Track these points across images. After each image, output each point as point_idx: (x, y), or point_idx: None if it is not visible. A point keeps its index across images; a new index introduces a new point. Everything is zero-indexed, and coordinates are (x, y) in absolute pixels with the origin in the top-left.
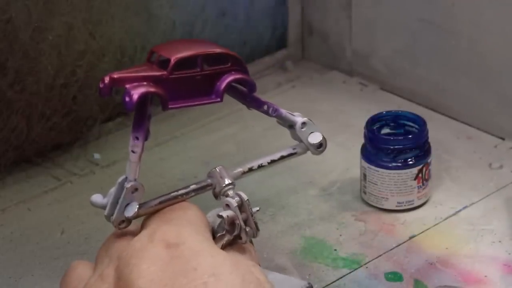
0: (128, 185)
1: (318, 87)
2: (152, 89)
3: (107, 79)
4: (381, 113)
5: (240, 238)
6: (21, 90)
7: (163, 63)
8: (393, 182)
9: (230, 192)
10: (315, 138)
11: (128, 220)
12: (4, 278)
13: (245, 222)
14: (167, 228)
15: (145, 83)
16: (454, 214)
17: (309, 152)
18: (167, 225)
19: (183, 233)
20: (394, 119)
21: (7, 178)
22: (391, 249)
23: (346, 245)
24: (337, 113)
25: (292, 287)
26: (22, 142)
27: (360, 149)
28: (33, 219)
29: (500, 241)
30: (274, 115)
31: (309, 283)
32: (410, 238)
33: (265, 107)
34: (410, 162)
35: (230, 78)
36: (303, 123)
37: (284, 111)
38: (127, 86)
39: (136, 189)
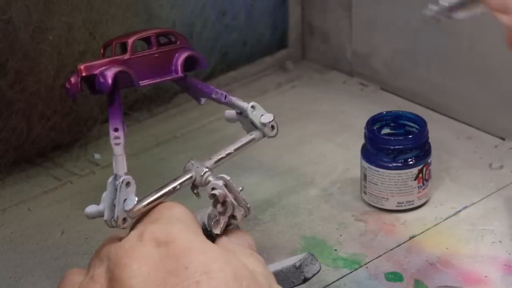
0: (120, 180)
1: (318, 87)
2: (122, 68)
3: (73, 79)
4: (382, 113)
5: (234, 218)
6: (21, 90)
7: (122, 49)
8: (393, 182)
9: (211, 178)
10: (266, 118)
11: (130, 217)
12: (4, 278)
13: (236, 202)
14: (156, 227)
15: (112, 62)
16: (454, 214)
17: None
18: (155, 224)
19: (172, 231)
20: (395, 119)
21: (7, 178)
22: (391, 249)
23: (347, 245)
24: (337, 113)
25: (292, 261)
26: (22, 142)
27: (360, 149)
28: (33, 219)
29: (500, 241)
30: (225, 101)
31: (307, 253)
32: (411, 238)
33: (215, 93)
34: (411, 162)
35: (184, 54)
36: (252, 107)
37: (233, 98)
38: (98, 71)
39: (129, 183)
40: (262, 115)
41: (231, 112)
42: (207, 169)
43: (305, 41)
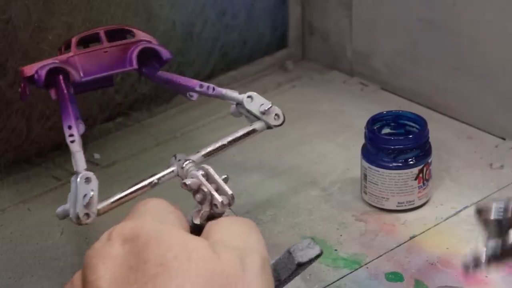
0: (79, 176)
1: (319, 87)
2: (57, 65)
3: (22, 83)
4: (382, 113)
5: (216, 207)
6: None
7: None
8: (393, 182)
9: (193, 168)
10: (266, 105)
11: (92, 212)
12: (4, 278)
13: (218, 192)
14: (125, 223)
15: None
16: (454, 214)
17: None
18: (125, 221)
19: (138, 226)
20: (395, 119)
21: (7, 178)
22: (391, 249)
23: (347, 245)
24: (338, 113)
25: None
26: (22, 142)
27: (360, 149)
28: (33, 219)
29: None
30: (213, 93)
31: (307, 239)
32: (411, 238)
33: (200, 86)
34: (411, 162)
35: (140, 47)
36: (249, 97)
37: (224, 90)
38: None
39: (89, 179)
40: (262, 104)
41: (233, 106)
42: (189, 161)
43: (305, 41)
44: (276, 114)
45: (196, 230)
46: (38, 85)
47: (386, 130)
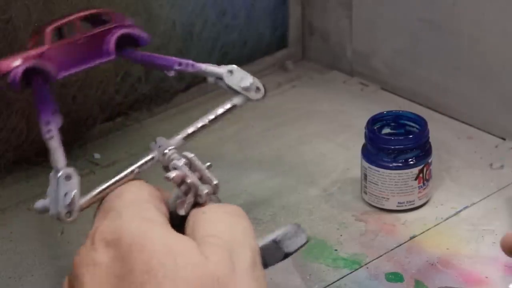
0: (59, 173)
1: (319, 87)
2: (32, 65)
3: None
4: (382, 113)
5: (200, 196)
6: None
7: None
8: (393, 182)
9: (175, 156)
10: (246, 81)
11: (74, 210)
12: (4, 278)
13: (201, 180)
14: (105, 224)
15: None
16: (455, 214)
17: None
18: (105, 221)
19: (118, 227)
20: (395, 119)
21: (7, 178)
22: (391, 250)
23: (347, 245)
24: (338, 113)
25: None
26: (22, 142)
27: (360, 149)
28: (33, 219)
29: None
30: (192, 70)
31: (292, 225)
32: (411, 238)
33: (179, 64)
34: (411, 162)
35: (116, 33)
36: (230, 71)
37: (204, 65)
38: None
39: (69, 176)
40: (242, 78)
41: (211, 80)
42: (170, 148)
43: (305, 41)
44: (257, 87)
45: (179, 217)
46: (13, 88)
47: (386, 130)
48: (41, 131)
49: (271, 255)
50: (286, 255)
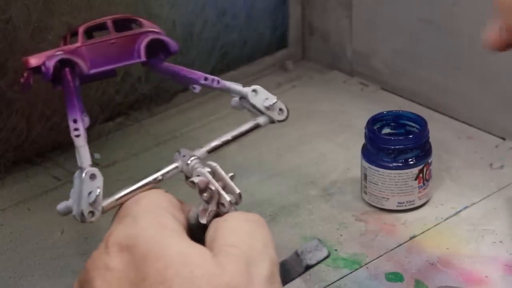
0: (84, 172)
1: (319, 87)
2: (66, 56)
3: (26, 73)
4: (382, 113)
5: (223, 206)
6: (21, 90)
7: (76, 38)
8: (393, 182)
9: (199, 165)
10: (270, 100)
11: (97, 210)
12: (4, 278)
13: (225, 190)
14: (119, 229)
15: (60, 52)
16: (454, 214)
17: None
18: (120, 225)
19: (134, 234)
20: (395, 119)
21: (7, 178)
22: (391, 249)
23: (347, 245)
24: (338, 113)
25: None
26: (22, 142)
27: (360, 149)
28: (33, 219)
29: (501, 241)
30: (218, 86)
31: (315, 239)
32: (411, 238)
33: (205, 79)
34: (411, 162)
35: (148, 37)
36: (254, 90)
37: (228, 82)
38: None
39: (94, 175)
40: (266, 98)
41: (235, 99)
42: (194, 157)
43: (305, 41)
44: (280, 109)
45: (200, 227)
46: (45, 77)
47: (386, 130)
48: (68, 128)
49: (292, 267)
50: (307, 268)
